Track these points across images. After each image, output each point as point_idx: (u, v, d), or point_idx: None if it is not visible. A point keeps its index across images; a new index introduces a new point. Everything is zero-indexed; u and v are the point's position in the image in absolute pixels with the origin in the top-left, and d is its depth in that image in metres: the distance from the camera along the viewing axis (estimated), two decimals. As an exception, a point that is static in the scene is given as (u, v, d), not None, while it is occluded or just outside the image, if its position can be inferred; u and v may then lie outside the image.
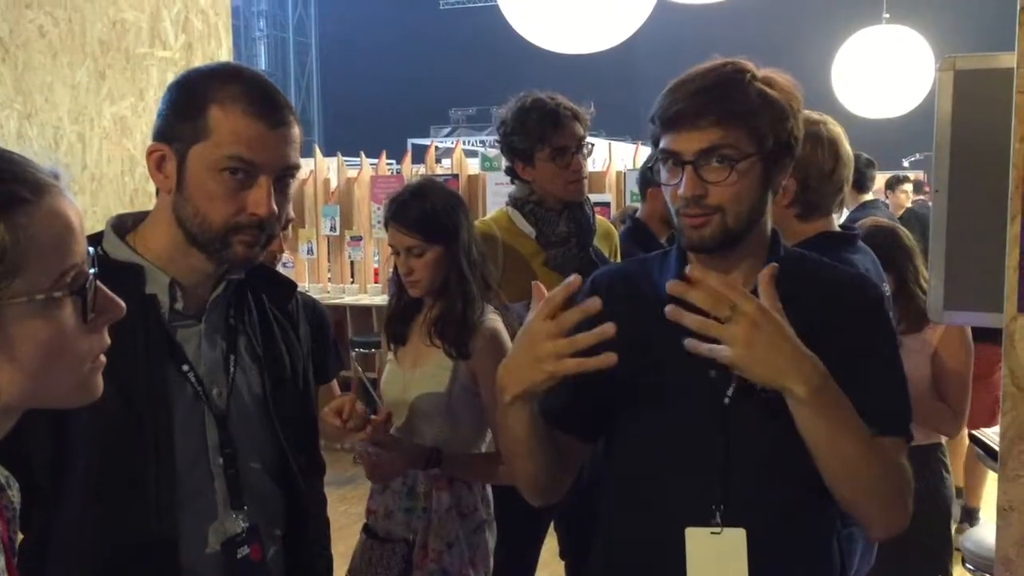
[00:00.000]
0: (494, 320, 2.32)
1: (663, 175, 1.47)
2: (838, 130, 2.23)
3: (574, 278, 1.31)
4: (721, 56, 1.48)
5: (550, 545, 2.83)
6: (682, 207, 1.43)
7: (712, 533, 1.43)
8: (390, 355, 2.49)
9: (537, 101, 2.63)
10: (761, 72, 1.44)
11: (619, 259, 2.91)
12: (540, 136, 2.60)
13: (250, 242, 1.35)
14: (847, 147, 2.23)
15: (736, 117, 1.39)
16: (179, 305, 1.38)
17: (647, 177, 3.33)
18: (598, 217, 2.86)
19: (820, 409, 1.30)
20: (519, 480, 1.54)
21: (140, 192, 2.55)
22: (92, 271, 0.92)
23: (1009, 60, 1.52)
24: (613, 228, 3.09)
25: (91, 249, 0.94)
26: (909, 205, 8.21)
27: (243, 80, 1.35)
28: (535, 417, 1.41)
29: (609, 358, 1.26)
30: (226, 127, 1.31)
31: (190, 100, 1.34)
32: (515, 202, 2.73)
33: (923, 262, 2.74)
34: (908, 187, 8.50)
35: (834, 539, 1.54)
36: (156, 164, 1.35)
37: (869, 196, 5.45)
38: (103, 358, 0.96)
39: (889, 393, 1.47)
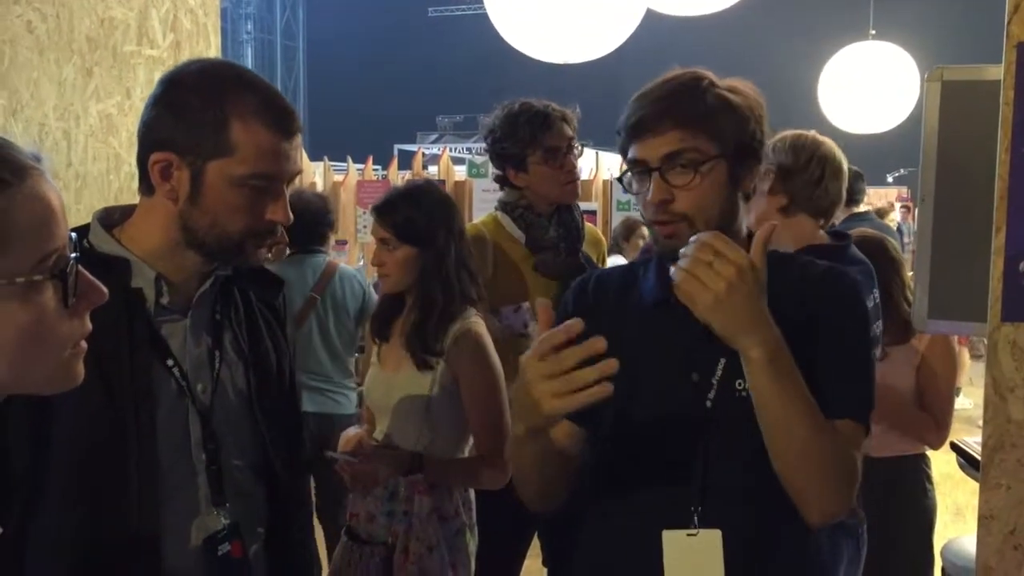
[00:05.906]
0: (476, 323, 2.32)
1: (633, 186, 1.51)
2: (837, 155, 2.27)
3: (575, 322, 1.22)
4: (692, 66, 1.51)
5: (533, 551, 2.83)
6: (652, 215, 1.47)
7: (688, 535, 1.43)
8: (374, 357, 2.48)
9: (525, 105, 2.64)
10: (724, 82, 1.49)
11: (606, 266, 2.92)
12: (531, 139, 2.59)
13: (263, 246, 1.38)
14: (838, 162, 2.25)
15: (695, 120, 1.43)
16: (165, 300, 1.36)
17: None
18: (587, 224, 2.86)
19: (774, 376, 1.32)
20: (525, 495, 1.55)
21: (125, 191, 2.53)
22: (74, 255, 0.91)
23: (996, 72, 1.53)
24: (602, 235, 3.09)
25: (73, 234, 0.92)
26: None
27: (256, 89, 1.34)
28: (546, 447, 1.42)
29: (605, 388, 1.20)
30: (251, 144, 1.31)
31: (204, 111, 1.30)
32: (504, 207, 2.72)
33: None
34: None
35: (815, 541, 1.53)
36: (161, 173, 1.32)
37: (860, 208, 5.48)
38: (84, 344, 0.94)
39: (851, 377, 1.47)
